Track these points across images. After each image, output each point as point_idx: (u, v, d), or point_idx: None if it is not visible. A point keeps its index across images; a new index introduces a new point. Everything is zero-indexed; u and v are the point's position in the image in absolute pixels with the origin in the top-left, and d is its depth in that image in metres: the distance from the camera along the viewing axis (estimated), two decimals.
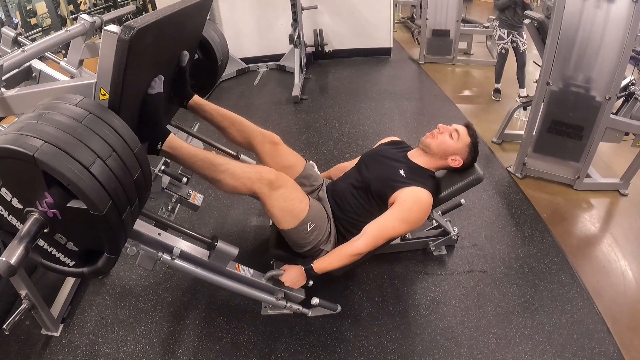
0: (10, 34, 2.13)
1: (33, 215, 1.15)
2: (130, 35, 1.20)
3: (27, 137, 1.06)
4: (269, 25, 6.29)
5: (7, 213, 1.19)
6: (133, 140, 1.28)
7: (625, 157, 3.24)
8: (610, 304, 2.21)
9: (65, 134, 1.10)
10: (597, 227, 2.85)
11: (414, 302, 2.23)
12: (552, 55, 2.86)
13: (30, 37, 6.59)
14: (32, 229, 1.12)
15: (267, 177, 1.81)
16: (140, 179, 1.29)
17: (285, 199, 1.87)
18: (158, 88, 1.60)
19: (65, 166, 1.06)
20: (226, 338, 2.08)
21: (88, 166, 1.09)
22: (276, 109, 4.89)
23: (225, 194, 3.02)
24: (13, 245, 1.06)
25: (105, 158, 1.14)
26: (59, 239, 1.25)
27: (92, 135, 1.15)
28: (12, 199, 1.16)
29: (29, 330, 2.15)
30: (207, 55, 2.23)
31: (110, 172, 1.15)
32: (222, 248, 1.73)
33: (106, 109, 1.27)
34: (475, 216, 2.84)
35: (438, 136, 2.10)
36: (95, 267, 1.30)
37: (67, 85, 1.44)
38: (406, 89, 5.48)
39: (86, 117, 1.18)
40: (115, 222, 1.19)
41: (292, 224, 1.92)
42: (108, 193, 1.13)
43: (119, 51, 1.22)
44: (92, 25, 2.19)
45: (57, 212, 1.15)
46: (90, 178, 1.09)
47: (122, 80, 1.28)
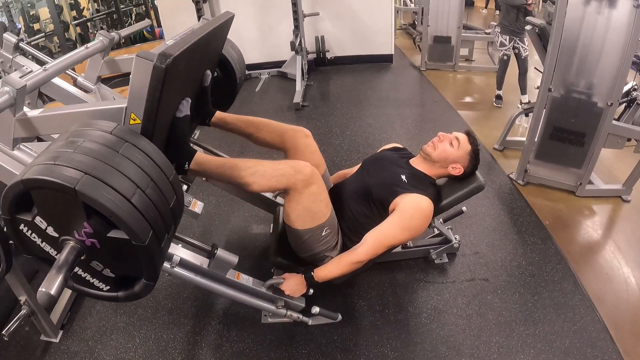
0: (12, 40, 2.14)
1: (69, 243, 1.14)
2: (167, 63, 1.20)
3: (65, 167, 1.05)
4: (270, 31, 6.31)
5: (40, 240, 1.19)
6: (168, 167, 1.28)
7: (627, 163, 3.23)
8: (613, 311, 2.19)
9: (104, 165, 1.10)
10: (600, 233, 2.84)
11: (415, 311, 2.21)
12: (553, 62, 2.85)
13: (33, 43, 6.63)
14: (70, 258, 1.12)
15: (302, 171, 1.77)
16: (176, 206, 1.29)
17: (315, 199, 1.84)
18: (185, 111, 1.60)
19: (107, 198, 1.05)
20: (226, 346, 2.06)
21: (129, 197, 1.09)
22: (278, 115, 4.88)
23: (227, 201, 3.04)
24: (52, 275, 1.05)
25: (144, 188, 1.14)
26: (95, 265, 1.25)
27: (130, 165, 1.15)
28: (47, 227, 1.15)
29: (28, 336, 2.14)
30: (226, 72, 2.22)
31: (150, 202, 1.15)
32: (222, 256, 1.73)
33: (140, 136, 1.26)
34: (476, 224, 2.83)
35: (438, 144, 2.09)
36: (132, 292, 1.30)
37: (94, 109, 1.42)
38: (407, 96, 5.48)
39: (123, 146, 1.17)
40: (156, 250, 1.18)
41: (310, 224, 1.88)
42: (149, 223, 1.13)
43: (154, 79, 1.22)
44: (110, 42, 2.19)
45: (95, 241, 1.15)
46: (132, 209, 1.09)
47: (157, 107, 1.28)
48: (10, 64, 2.14)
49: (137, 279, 1.27)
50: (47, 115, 1.47)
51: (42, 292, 1.02)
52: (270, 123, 2.20)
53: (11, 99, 1.35)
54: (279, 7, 6.01)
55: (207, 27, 1.59)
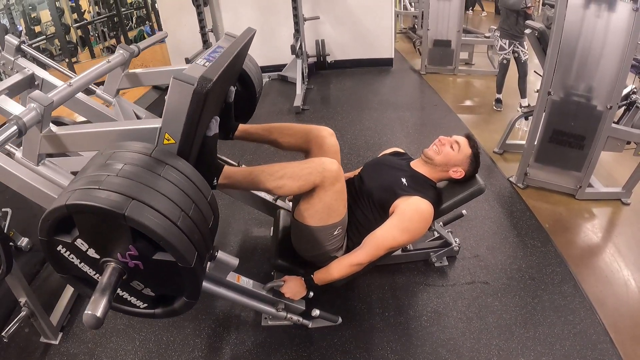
0: (14, 42, 2.14)
1: (111, 265, 1.15)
2: (207, 88, 1.21)
3: (110, 193, 1.06)
4: (271, 35, 6.32)
5: (79, 261, 1.20)
6: (206, 188, 1.29)
7: (627, 166, 3.23)
8: (613, 314, 2.19)
9: (148, 189, 1.10)
10: (600, 236, 2.84)
11: (416, 314, 2.21)
12: (553, 65, 2.86)
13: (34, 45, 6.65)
14: (113, 280, 1.13)
15: (331, 168, 1.76)
16: (214, 225, 1.31)
17: (337, 197, 1.84)
18: (214, 129, 1.62)
19: (156, 222, 1.06)
20: (226, 349, 2.06)
21: (175, 221, 1.10)
22: (278, 119, 4.89)
23: (227, 204, 3.04)
24: (96, 298, 1.07)
25: (187, 210, 1.15)
26: (136, 285, 1.26)
27: (173, 188, 1.16)
28: (88, 249, 1.16)
29: (28, 337, 2.13)
30: (245, 86, 2.24)
31: (194, 224, 1.16)
32: (222, 259, 1.72)
33: (179, 158, 1.27)
34: (476, 227, 2.83)
35: (439, 148, 2.10)
36: (172, 309, 1.32)
37: (127, 128, 1.41)
38: (408, 100, 5.50)
39: (164, 169, 1.18)
40: (200, 270, 1.20)
41: (325, 222, 1.87)
42: (193, 244, 1.14)
43: (194, 103, 1.23)
44: (131, 55, 2.20)
45: (139, 263, 1.15)
46: (178, 233, 1.10)
47: (195, 129, 1.29)
48: (12, 65, 2.14)
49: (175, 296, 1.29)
50: (77, 133, 1.47)
51: (88, 314, 1.04)
52: (292, 126, 2.22)
53: (38, 115, 1.34)
54: (280, 11, 6.04)
55: (236, 46, 1.60)
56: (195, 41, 5.83)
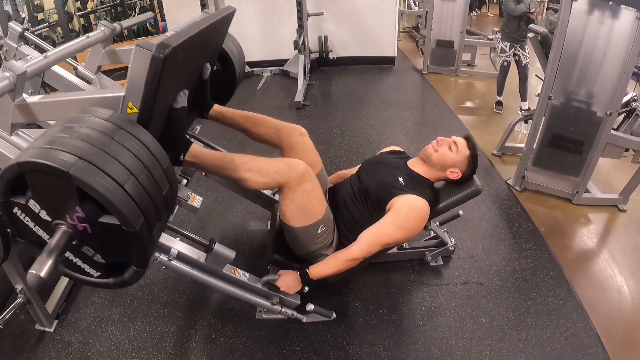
0: (17, 29, 2.14)
1: (62, 227, 1.15)
2: (165, 53, 1.21)
3: (60, 152, 1.06)
4: (274, 30, 6.32)
5: (33, 224, 1.20)
6: (163, 156, 1.29)
7: (624, 173, 3.24)
8: (606, 320, 2.20)
9: (98, 150, 1.11)
10: (595, 242, 2.86)
11: (409, 312, 2.22)
12: (554, 70, 2.87)
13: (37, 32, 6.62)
14: (61, 242, 1.13)
15: (296, 168, 1.80)
16: (169, 194, 1.30)
17: (309, 197, 1.87)
18: (182, 102, 1.61)
19: (100, 183, 1.06)
20: (220, 341, 2.07)
21: (122, 183, 1.10)
22: (278, 114, 4.88)
23: (225, 196, 3.05)
24: (42, 258, 1.06)
25: (137, 175, 1.15)
26: (87, 251, 1.26)
27: (125, 152, 1.16)
28: (40, 211, 1.16)
29: (23, 324, 2.14)
30: (225, 66, 2.23)
31: (143, 189, 1.16)
32: (219, 251, 1.74)
33: (137, 125, 1.27)
34: (472, 228, 2.84)
35: (438, 148, 2.11)
36: (122, 278, 1.31)
37: (93, 97, 1.43)
38: (409, 99, 5.50)
39: (118, 133, 1.18)
40: (147, 237, 1.19)
41: (305, 222, 1.90)
42: (141, 210, 1.14)
43: (152, 68, 1.23)
44: (112, 32, 2.20)
45: (87, 226, 1.15)
46: (124, 195, 1.10)
47: (154, 96, 1.28)
48: (14, 52, 2.14)
49: (127, 265, 1.28)
50: (46, 102, 1.48)
51: (32, 274, 1.03)
52: (268, 119, 2.22)
53: (11, 84, 1.36)
54: (284, 6, 6.03)
55: (208, 20, 1.60)
56: None
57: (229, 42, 2.21)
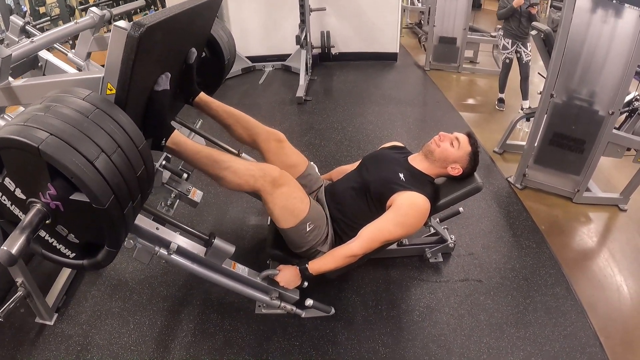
0: (19, 23, 2.14)
1: (36, 206, 1.15)
2: (140, 32, 1.20)
3: (32, 128, 1.07)
4: (276, 25, 6.30)
5: (9, 203, 1.20)
6: (138, 136, 1.29)
7: (625, 172, 3.24)
8: (604, 319, 2.21)
9: (71, 128, 1.11)
10: (595, 241, 2.86)
11: (408, 308, 2.23)
12: (557, 68, 2.86)
13: (39, 26, 6.61)
14: (34, 220, 1.13)
15: (270, 174, 1.81)
16: (144, 176, 1.30)
17: (287, 198, 1.88)
18: (164, 85, 1.60)
19: (69, 159, 1.06)
20: (219, 335, 2.08)
21: (92, 160, 1.10)
22: (280, 109, 4.89)
23: (226, 191, 3.05)
24: (15, 235, 1.07)
25: (110, 153, 1.15)
26: (61, 230, 1.26)
27: (98, 130, 1.16)
28: (15, 189, 1.16)
29: (23, 318, 2.15)
30: (214, 53, 2.22)
31: (114, 167, 1.16)
32: (219, 245, 1.74)
33: (113, 105, 1.27)
34: (473, 225, 2.84)
35: (439, 143, 2.10)
36: (95, 260, 1.31)
37: (74, 79, 1.44)
38: (410, 95, 5.49)
39: (93, 112, 1.18)
40: (117, 216, 1.19)
41: (292, 223, 1.92)
42: (111, 188, 1.14)
43: (127, 47, 1.22)
44: (101, 19, 2.19)
45: (59, 204, 1.16)
46: (94, 172, 1.10)
47: (129, 76, 1.28)
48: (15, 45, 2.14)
49: (101, 246, 1.29)
50: (29, 85, 1.49)
51: (3, 250, 1.03)
52: (250, 121, 2.20)
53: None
54: (286, 1, 6.02)
55: (190, 3, 1.59)
56: None
57: (218, 29, 2.20)
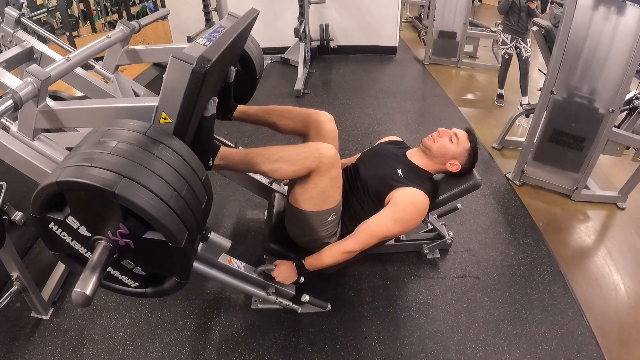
0: (14, 15, 2.10)
1: (102, 243, 1.15)
2: (206, 68, 1.19)
3: (102, 170, 1.05)
4: (275, 17, 6.26)
5: (70, 239, 1.19)
6: (200, 168, 1.28)
7: (624, 170, 3.24)
8: (601, 318, 2.21)
9: (140, 167, 1.09)
10: (593, 239, 2.85)
11: (405, 304, 2.22)
12: (557, 65, 2.85)
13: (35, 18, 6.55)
14: (103, 258, 1.12)
15: (326, 153, 1.76)
16: (207, 207, 1.30)
17: (333, 183, 1.83)
18: (212, 110, 1.59)
19: (146, 201, 1.05)
20: (215, 330, 2.07)
21: (167, 200, 1.09)
22: (278, 102, 4.86)
23: (222, 184, 3.04)
24: (86, 275, 1.06)
25: (180, 191, 1.14)
26: (127, 264, 1.26)
27: (166, 167, 1.15)
28: (79, 227, 1.15)
29: (19, 312, 2.14)
30: (246, 67, 2.21)
31: (186, 205, 1.15)
32: (214, 240, 1.72)
33: (174, 138, 1.26)
34: (470, 221, 2.84)
35: (438, 139, 2.08)
36: (162, 289, 1.32)
37: (124, 106, 1.40)
38: (409, 89, 5.47)
39: (157, 147, 1.17)
40: (191, 251, 1.19)
41: (319, 207, 1.87)
42: (185, 225, 1.14)
43: (192, 82, 1.21)
44: (131, 32, 2.17)
45: (130, 241, 1.15)
46: (169, 212, 1.09)
47: (192, 109, 1.27)
48: (10, 38, 2.10)
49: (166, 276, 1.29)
50: (72, 109, 1.46)
51: (77, 292, 1.03)
52: (292, 109, 2.20)
53: (35, 90, 1.33)
54: None
55: (238, 27, 1.58)
56: (198, 19, 5.74)
57: (249, 42, 2.19)
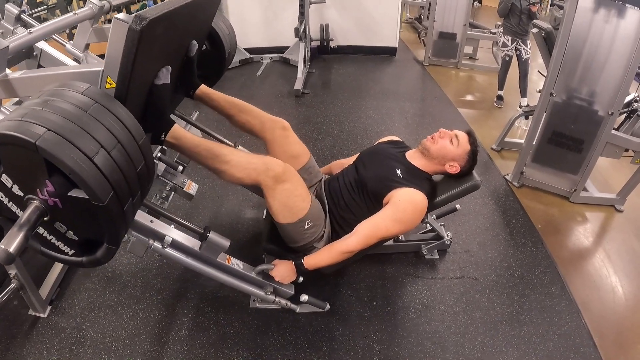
0: (14, 11, 2.10)
1: (34, 203, 1.13)
2: (142, 25, 1.17)
3: (30, 124, 1.04)
4: (275, 16, 6.25)
5: (7, 200, 1.18)
6: (138, 131, 1.26)
7: (623, 173, 3.24)
8: (599, 319, 2.21)
9: (69, 123, 1.08)
10: (591, 241, 2.86)
11: (403, 305, 2.23)
12: (557, 67, 2.85)
13: (35, 15, 6.53)
14: (32, 217, 1.11)
15: (274, 169, 1.79)
16: (144, 171, 1.28)
17: (289, 195, 1.85)
18: (165, 79, 1.58)
19: (67, 155, 1.04)
20: (213, 329, 2.07)
21: (91, 156, 1.07)
22: (277, 101, 4.86)
23: (222, 184, 3.04)
24: (12, 233, 1.05)
25: (109, 149, 1.13)
26: (59, 227, 1.24)
27: (97, 125, 1.13)
28: (12, 185, 1.14)
29: (16, 310, 2.14)
30: (215, 46, 2.20)
31: (114, 163, 1.13)
32: (213, 239, 1.73)
33: (113, 99, 1.25)
34: (469, 222, 2.84)
35: (438, 140, 2.08)
36: (94, 257, 1.30)
37: (73, 72, 1.41)
38: (409, 90, 5.47)
39: (92, 107, 1.16)
40: (117, 213, 1.17)
41: (291, 219, 1.90)
42: (110, 184, 1.12)
43: (129, 41, 1.20)
44: (100, 9, 2.16)
45: (57, 200, 1.14)
46: (92, 168, 1.07)
47: (130, 70, 1.25)
48: (11, 34, 2.10)
49: (100, 243, 1.27)
50: (26, 77, 1.46)
51: (0, 248, 1.02)
52: (253, 109, 2.19)
53: None
54: None
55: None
56: None
57: (219, 21, 2.18)
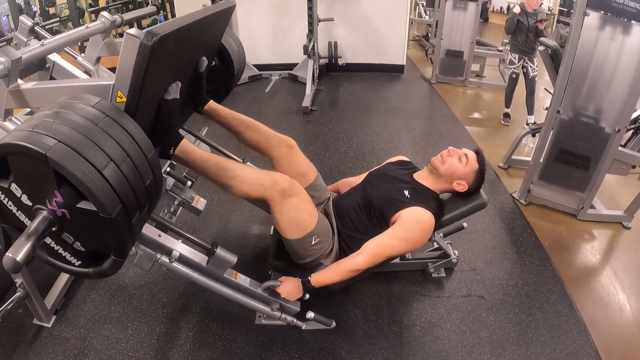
0: (28, 23, 2.14)
1: (42, 213, 1.15)
2: (153, 41, 1.20)
3: (41, 135, 1.06)
4: (284, 33, 6.33)
5: (16, 209, 1.19)
6: (147, 146, 1.28)
7: (630, 190, 3.22)
8: (606, 337, 2.18)
9: (79, 135, 1.10)
10: (598, 258, 2.83)
11: (409, 323, 2.21)
12: (564, 84, 2.86)
13: (48, 27, 6.65)
14: (40, 227, 1.12)
15: (280, 184, 1.80)
16: (152, 185, 1.29)
17: (296, 210, 1.86)
18: (174, 94, 1.60)
19: (77, 167, 1.05)
20: (218, 344, 2.07)
21: (101, 169, 1.09)
22: (285, 118, 4.90)
23: (230, 199, 3.05)
24: (20, 242, 1.06)
25: (118, 162, 1.14)
26: (67, 238, 1.25)
27: (107, 139, 1.15)
28: (22, 195, 1.16)
29: (21, 319, 2.14)
30: (224, 62, 2.23)
31: (123, 177, 1.15)
32: (221, 255, 1.73)
33: (122, 113, 1.27)
34: (476, 240, 2.83)
35: (447, 159, 2.09)
36: (101, 268, 1.30)
37: (85, 85, 1.43)
38: (416, 108, 5.49)
39: (102, 120, 1.18)
40: (124, 226, 1.18)
41: (298, 235, 1.90)
42: (119, 197, 1.13)
43: (140, 56, 1.22)
44: (112, 24, 2.20)
45: (66, 211, 1.15)
46: (101, 181, 1.09)
47: (140, 85, 1.28)
48: (24, 46, 2.14)
49: (106, 255, 1.28)
50: (38, 88, 1.49)
51: (8, 257, 1.03)
52: (260, 127, 2.20)
53: (5, 69, 1.36)
54: (295, 11, 6.05)
55: (203, 13, 1.59)
56: None
57: (228, 38, 2.21)
